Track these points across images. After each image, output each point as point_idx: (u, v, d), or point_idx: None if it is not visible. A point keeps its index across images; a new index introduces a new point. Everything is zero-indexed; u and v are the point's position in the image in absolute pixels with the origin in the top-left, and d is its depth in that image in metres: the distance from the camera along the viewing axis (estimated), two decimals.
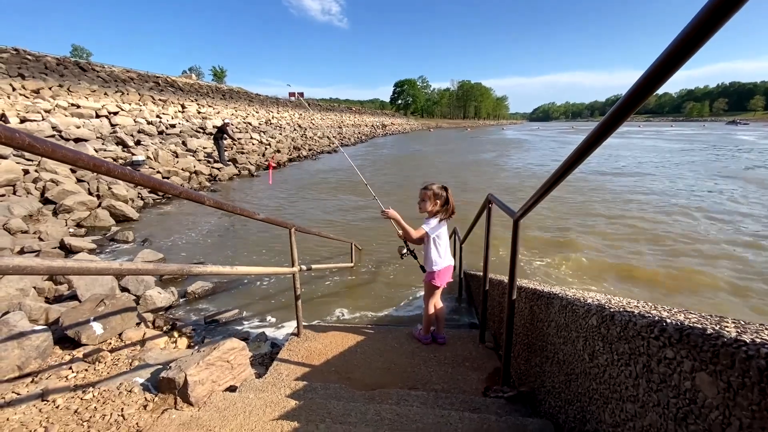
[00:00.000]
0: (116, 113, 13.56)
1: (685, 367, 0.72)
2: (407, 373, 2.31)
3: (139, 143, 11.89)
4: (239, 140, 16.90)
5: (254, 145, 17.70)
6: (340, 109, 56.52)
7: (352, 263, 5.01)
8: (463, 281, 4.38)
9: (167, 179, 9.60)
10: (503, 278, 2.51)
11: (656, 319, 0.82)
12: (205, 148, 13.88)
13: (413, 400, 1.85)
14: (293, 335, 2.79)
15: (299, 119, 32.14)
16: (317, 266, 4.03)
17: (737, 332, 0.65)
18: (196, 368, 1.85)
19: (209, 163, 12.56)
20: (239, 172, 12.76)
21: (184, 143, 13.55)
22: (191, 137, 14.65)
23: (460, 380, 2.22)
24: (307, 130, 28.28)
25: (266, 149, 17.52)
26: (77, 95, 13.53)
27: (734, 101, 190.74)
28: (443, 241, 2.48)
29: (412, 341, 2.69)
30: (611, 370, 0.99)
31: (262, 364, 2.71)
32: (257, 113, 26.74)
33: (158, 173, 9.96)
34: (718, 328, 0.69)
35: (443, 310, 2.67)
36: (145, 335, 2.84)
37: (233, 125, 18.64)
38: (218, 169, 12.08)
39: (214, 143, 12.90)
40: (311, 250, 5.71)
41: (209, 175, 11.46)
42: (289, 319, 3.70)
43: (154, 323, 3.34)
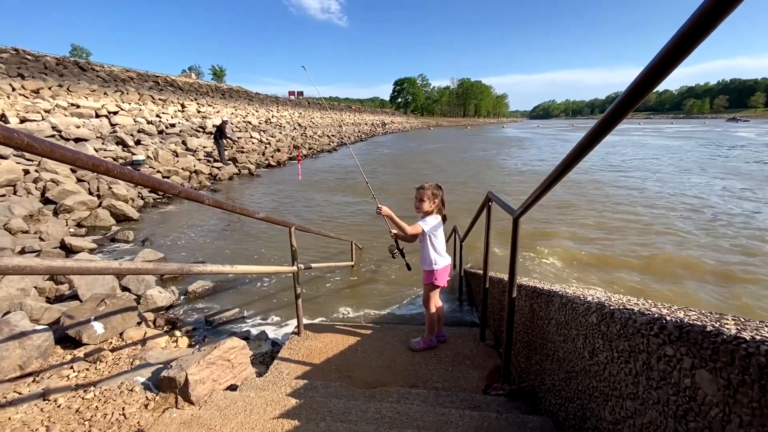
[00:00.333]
0: (116, 113, 13.55)
1: (684, 364, 0.72)
2: (408, 371, 2.32)
3: (139, 143, 11.89)
4: (238, 140, 16.88)
5: (254, 144, 17.69)
6: (339, 107, 56.40)
7: (352, 262, 5.01)
8: (463, 279, 4.39)
9: (167, 179, 9.60)
10: (503, 276, 2.51)
11: (656, 316, 0.82)
12: (204, 147, 13.87)
13: (414, 398, 1.85)
14: (294, 334, 2.79)
15: (299, 118, 32.09)
16: (317, 265, 4.03)
17: (737, 329, 0.65)
18: (196, 367, 1.85)
19: (209, 162, 12.56)
20: (239, 171, 12.76)
21: (183, 143, 13.54)
22: (191, 136, 14.64)
23: (460, 378, 2.22)
24: (306, 129, 28.24)
25: (266, 148, 17.51)
26: (77, 95, 13.51)
27: (735, 98, 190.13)
28: (440, 239, 2.45)
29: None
30: (611, 367, 0.99)
31: (262, 362, 2.71)
32: (257, 112, 26.70)
33: (158, 173, 9.96)
34: (717, 325, 0.69)
35: (442, 308, 2.65)
36: (145, 334, 2.84)
37: (232, 124, 18.64)
38: (218, 168, 12.07)
39: (214, 142, 12.90)
40: (311, 249, 5.71)
41: (209, 174, 11.46)
42: (289, 318, 3.71)
43: (155, 322, 3.34)
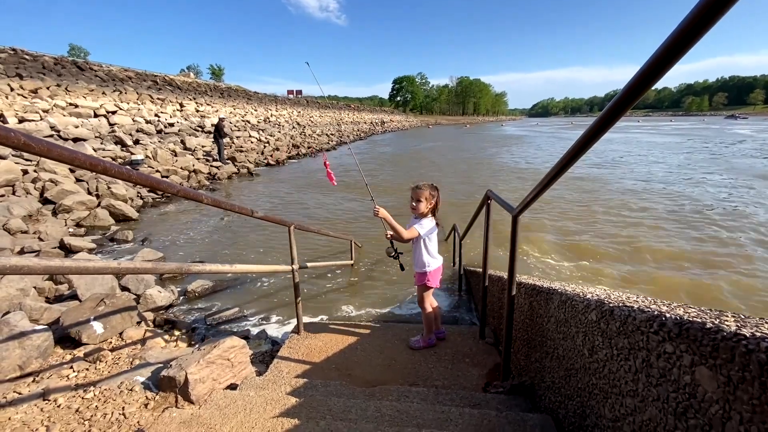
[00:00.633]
0: (114, 112, 13.51)
1: (684, 361, 0.71)
2: (407, 369, 2.32)
3: (137, 142, 11.86)
4: (237, 138, 16.85)
5: (253, 143, 17.66)
6: (338, 106, 56.33)
7: (352, 260, 5.01)
8: (462, 277, 4.39)
9: (166, 178, 9.58)
10: (503, 274, 2.50)
11: (655, 313, 0.82)
12: (203, 146, 13.85)
13: (413, 396, 1.85)
14: (293, 333, 2.79)
15: (298, 117, 32.04)
16: (317, 264, 4.03)
17: (737, 326, 0.65)
18: (196, 366, 1.85)
19: (208, 161, 12.54)
20: (238, 170, 12.74)
21: (182, 142, 13.52)
22: (190, 136, 14.62)
23: (460, 376, 2.22)
24: (305, 127, 28.20)
25: (265, 147, 17.48)
26: (75, 95, 13.47)
27: (734, 95, 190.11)
28: (434, 242, 2.43)
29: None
30: (611, 365, 0.99)
31: (262, 362, 2.71)
32: (255, 111, 26.65)
33: (157, 172, 9.94)
34: (717, 322, 0.69)
35: (438, 307, 2.65)
36: (145, 334, 2.84)
37: (231, 123, 18.61)
38: (217, 167, 12.05)
39: (213, 141, 12.88)
40: (311, 248, 5.71)
41: (208, 173, 11.44)
42: (289, 317, 3.70)
43: (154, 322, 3.34)
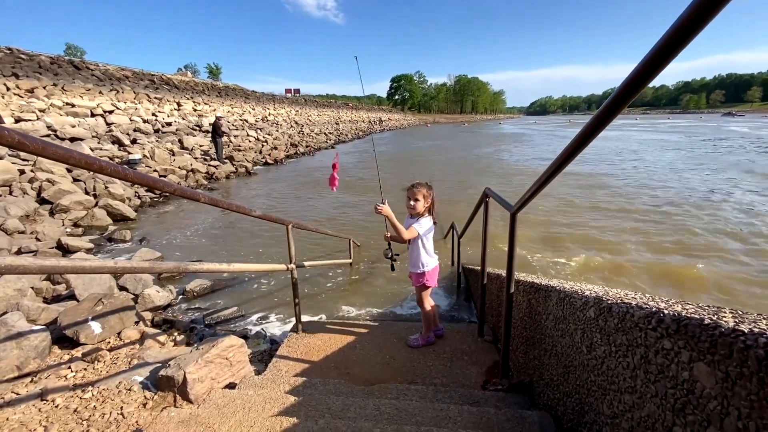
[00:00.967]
0: (111, 112, 13.45)
1: (682, 357, 0.71)
2: (406, 367, 2.32)
3: (135, 142, 11.81)
4: (235, 137, 16.80)
5: (251, 142, 17.62)
6: (336, 105, 56.19)
7: (350, 259, 5.00)
8: (461, 276, 4.39)
9: (164, 177, 9.54)
10: (501, 272, 2.51)
11: (653, 310, 0.82)
12: (201, 146, 13.80)
13: (412, 394, 1.85)
14: (292, 332, 2.79)
15: (296, 116, 31.96)
16: (315, 263, 4.02)
17: (735, 322, 0.65)
18: (195, 366, 1.84)
19: (206, 161, 12.50)
20: (236, 169, 12.71)
21: (180, 141, 13.46)
22: (187, 135, 14.57)
23: (459, 374, 2.22)
24: (304, 126, 28.14)
25: (263, 146, 17.44)
26: (72, 94, 13.39)
27: (731, 93, 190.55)
28: (431, 241, 2.42)
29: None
30: (609, 361, 0.99)
31: (261, 361, 2.71)
32: (253, 110, 26.57)
33: (155, 172, 9.90)
34: (715, 318, 0.69)
35: (435, 306, 2.64)
36: (143, 334, 2.83)
37: (228, 122, 18.55)
38: (215, 166, 12.01)
39: (211, 140, 12.84)
40: (309, 246, 5.70)
41: (206, 173, 11.40)
42: (288, 316, 3.70)
43: (152, 322, 3.33)
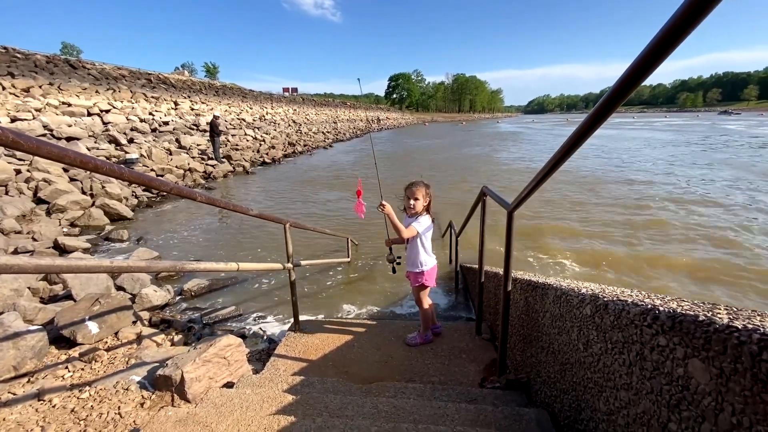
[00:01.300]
0: (108, 111, 13.36)
1: (677, 354, 0.72)
2: (404, 366, 2.32)
3: (132, 141, 11.75)
4: (232, 136, 16.75)
5: (248, 141, 17.57)
6: (334, 104, 56.10)
7: (348, 258, 5.00)
8: (459, 274, 4.40)
9: (161, 177, 9.50)
10: (498, 270, 2.51)
11: (649, 307, 0.83)
12: (199, 145, 13.74)
13: (410, 392, 1.85)
14: (290, 331, 2.79)
15: (293, 115, 31.88)
16: (313, 262, 4.02)
17: (729, 319, 0.66)
18: (192, 365, 1.84)
19: (203, 160, 12.45)
20: (234, 169, 12.68)
21: (177, 141, 13.41)
22: (185, 134, 14.51)
23: (456, 372, 2.23)
24: (301, 125, 28.08)
25: (260, 145, 17.39)
26: (68, 93, 13.30)
27: (728, 91, 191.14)
28: (429, 240, 2.41)
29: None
30: (605, 358, 0.99)
31: (259, 360, 2.71)
32: (251, 109, 26.48)
33: (152, 171, 9.86)
34: (710, 314, 0.69)
35: (433, 305, 2.64)
36: (141, 333, 2.82)
37: (226, 121, 18.48)
38: (213, 166, 11.97)
39: (209, 139, 12.80)
40: (307, 245, 5.70)
41: (204, 172, 11.37)
42: (286, 315, 3.70)
43: (150, 321, 3.32)
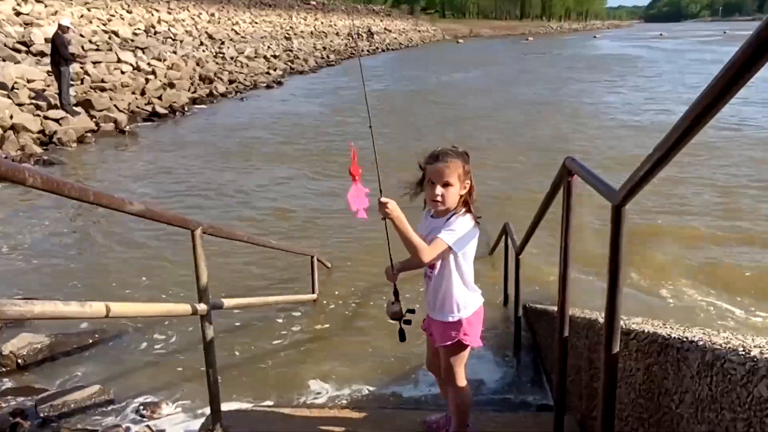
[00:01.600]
0: None
1: None
2: None
3: None
4: (94, 64, 16.72)
5: (125, 74, 17.50)
6: (287, 3, 56.09)
7: (314, 294, 5.00)
8: (521, 323, 4.41)
9: None
10: (595, 315, 2.52)
11: None
12: (31, 80, 13.69)
13: None
14: (205, 431, 2.79)
15: (209, 24, 31.88)
16: (250, 301, 4.02)
17: None
18: None
19: (40, 109, 12.40)
20: (97, 126, 12.66)
21: None
22: (4, 61, 14.46)
23: None
24: (224, 44, 28.07)
25: (148, 82, 17.32)
26: None
27: None
28: (470, 261, 2.33)
29: None
30: None
31: None
32: (129, 14, 26.44)
33: None
34: None
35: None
36: None
37: (74, 32, 18.37)
38: (58, 120, 11.94)
39: (52, 69, 12.73)
40: (238, 272, 5.70)
41: (41, 132, 11.36)
42: (197, 400, 3.70)
43: None
